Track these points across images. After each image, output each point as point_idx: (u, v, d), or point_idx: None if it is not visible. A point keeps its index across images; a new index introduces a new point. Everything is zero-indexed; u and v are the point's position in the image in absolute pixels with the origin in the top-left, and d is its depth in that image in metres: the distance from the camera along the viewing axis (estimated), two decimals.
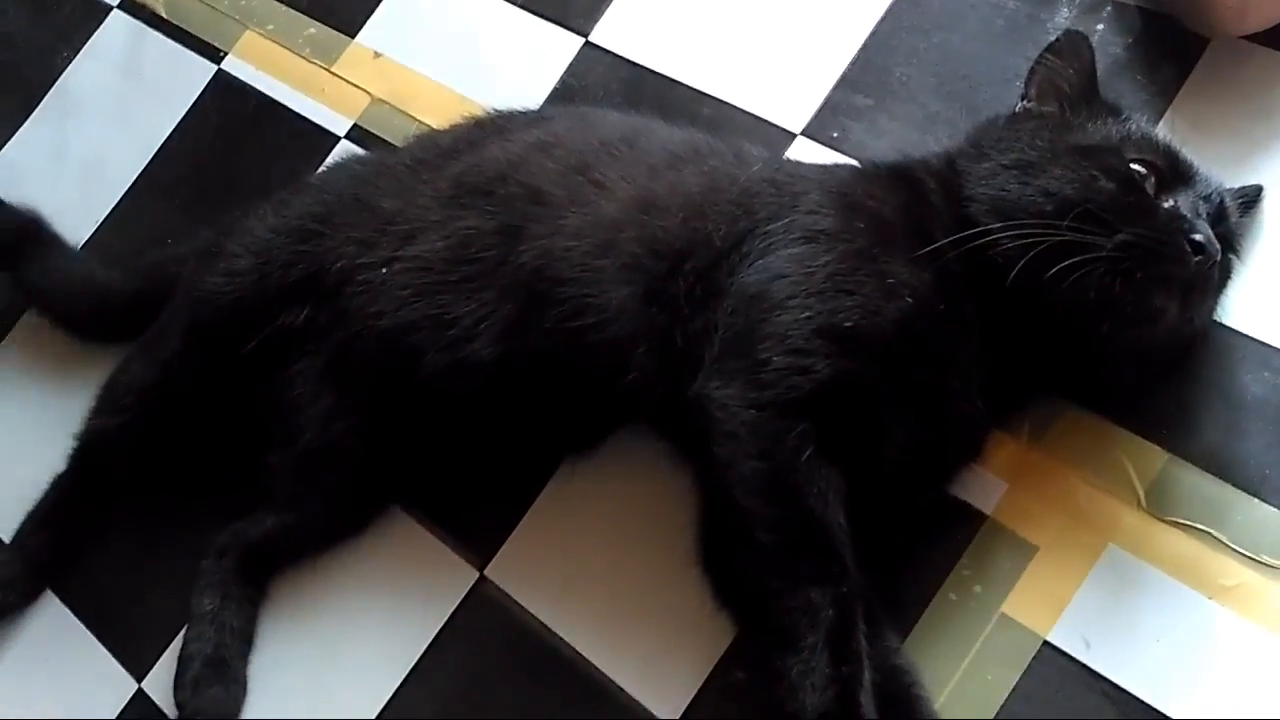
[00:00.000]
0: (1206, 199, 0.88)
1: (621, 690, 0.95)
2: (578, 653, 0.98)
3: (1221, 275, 0.89)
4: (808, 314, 0.85)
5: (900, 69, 1.11)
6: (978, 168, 0.90)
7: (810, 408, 0.84)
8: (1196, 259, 0.82)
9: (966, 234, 0.86)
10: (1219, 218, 0.88)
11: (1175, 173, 0.88)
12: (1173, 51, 1.03)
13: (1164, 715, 0.83)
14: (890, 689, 0.85)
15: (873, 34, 1.14)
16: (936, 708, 0.87)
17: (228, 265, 1.07)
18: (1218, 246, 0.84)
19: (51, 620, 1.15)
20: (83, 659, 1.12)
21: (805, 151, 1.10)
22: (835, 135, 1.10)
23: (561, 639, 0.98)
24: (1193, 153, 0.91)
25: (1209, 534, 0.87)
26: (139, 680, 1.10)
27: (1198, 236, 0.82)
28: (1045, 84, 0.94)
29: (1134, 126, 0.90)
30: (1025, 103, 0.94)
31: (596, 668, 0.97)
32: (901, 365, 0.86)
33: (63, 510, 1.16)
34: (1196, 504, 0.88)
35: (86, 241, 1.35)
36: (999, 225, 0.85)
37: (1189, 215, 0.84)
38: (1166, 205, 0.85)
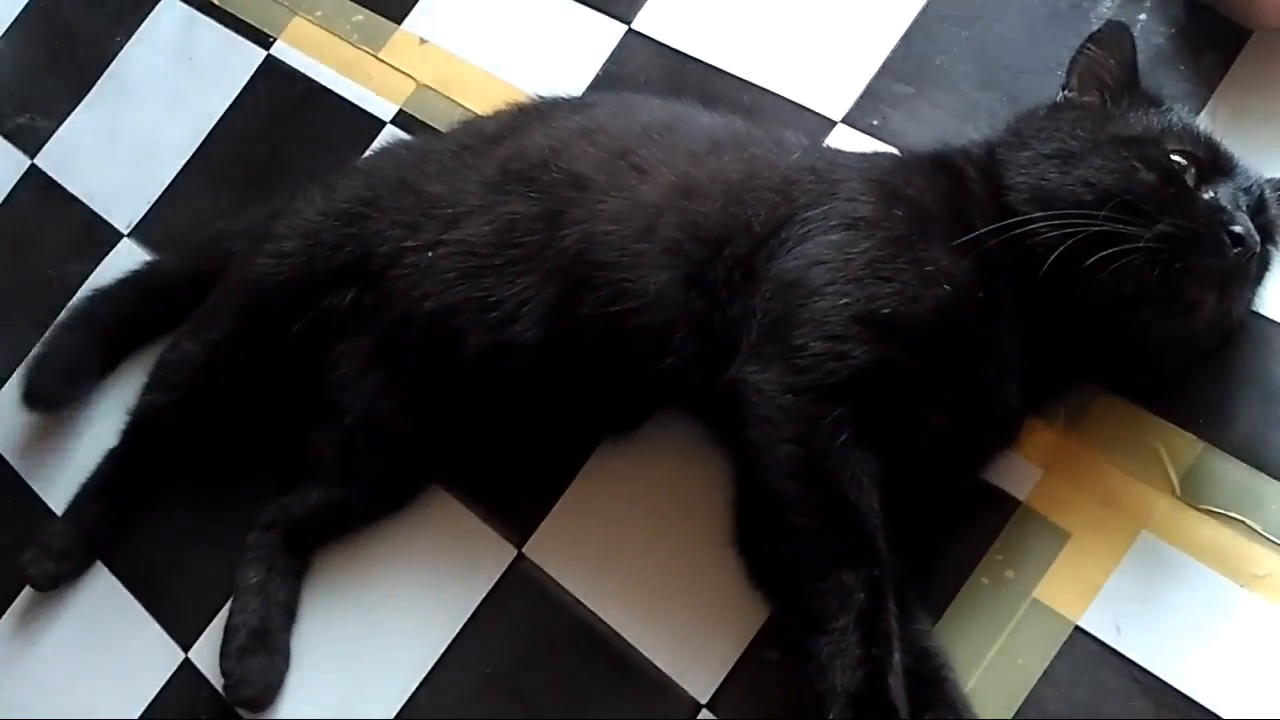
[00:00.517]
0: (1247, 191, 0.87)
1: (656, 667, 0.97)
2: (613, 630, 0.99)
3: (1260, 267, 0.89)
4: (845, 300, 0.85)
5: (941, 57, 1.12)
6: (1018, 156, 0.90)
7: (846, 393, 0.85)
8: (1235, 251, 0.82)
9: (1007, 223, 0.86)
10: (1259, 209, 0.88)
11: (1215, 164, 0.87)
12: (1215, 42, 1.03)
13: (1194, 701, 0.84)
14: (920, 671, 0.85)
15: (914, 22, 1.14)
16: (967, 690, 0.88)
17: (276, 247, 1.09)
18: (1257, 238, 0.84)
19: (101, 590, 1.18)
20: (131, 629, 1.15)
21: (845, 139, 1.11)
22: (875, 123, 1.11)
23: (598, 616, 1.00)
24: (1235, 143, 0.91)
25: (1242, 522, 0.88)
26: (185, 650, 1.12)
27: (1237, 228, 0.82)
28: (1086, 74, 0.93)
29: (1175, 117, 0.90)
30: (1066, 92, 0.94)
31: (632, 645, 0.98)
32: (939, 352, 0.86)
33: (116, 483, 1.19)
34: (1230, 492, 0.89)
35: (138, 223, 1.37)
36: (1039, 215, 0.85)
37: (1228, 207, 0.84)
38: (1206, 197, 0.85)
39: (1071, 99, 0.93)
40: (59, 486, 1.23)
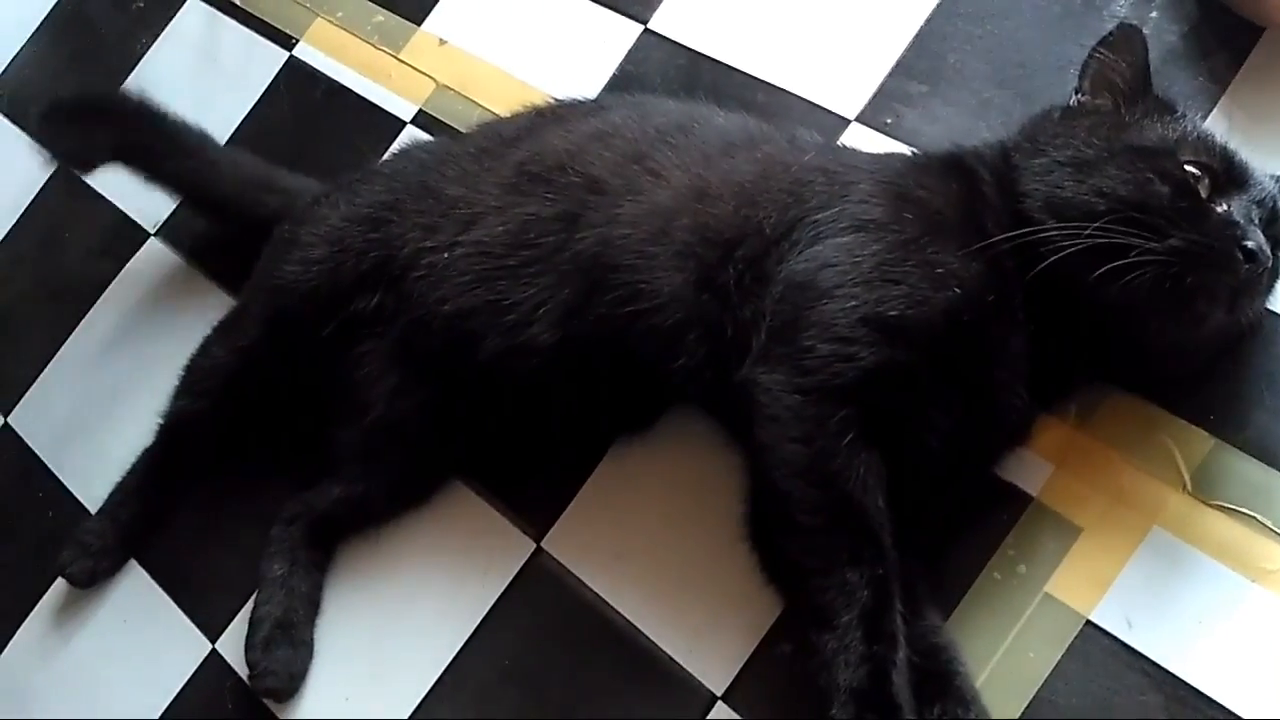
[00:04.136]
0: (1259, 203, 0.87)
1: (672, 660, 0.98)
2: (630, 623, 1.01)
3: (1271, 277, 0.88)
4: (854, 303, 0.86)
5: (955, 56, 1.12)
6: (1033, 163, 0.90)
7: (853, 394, 0.85)
8: (1247, 266, 0.82)
9: (1022, 232, 0.86)
10: (1271, 219, 0.87)
11: (1229, 175, 0.87)
12: (1227, 40, 1.03)
13: (1205, 695, 0.85)
14: (930, 667, 0.86)
15: (928, 21, 1.14)
16: (978, 684, 0.89)
17: (304, 254, 1.10)
18: (1269, 253, 0.83)
19: (131, 584, 1.21)
20: (160, 621, 1.18)
21: (859, 137, 1.11)
22: (889, 121, 1.11)
23: (614, 609, 1.01)
24: (1246, 141, 0.91)
25: (1253, 518, 0.88)
26: (213, 641, 1.15)
27: (1249, 244, 0.82)
28: (1098, 78, 0.93)
29: (1189, 126, 0.90)
30: (1079, 96, 0.93)
31: (648, 637, 1.00)
32: (947, 355, 0.87)
33: (150, 484, 1.21)
34: (1241, 488, 0.89)
35: (164, 223, 1.39)
36: (1054, 224, 0.85)
37: (1241, 221, 0.84)
38: (1220, 210, 0.85)
39: (1084, 103, 0.93)
40: (91, 482, 1.25)
